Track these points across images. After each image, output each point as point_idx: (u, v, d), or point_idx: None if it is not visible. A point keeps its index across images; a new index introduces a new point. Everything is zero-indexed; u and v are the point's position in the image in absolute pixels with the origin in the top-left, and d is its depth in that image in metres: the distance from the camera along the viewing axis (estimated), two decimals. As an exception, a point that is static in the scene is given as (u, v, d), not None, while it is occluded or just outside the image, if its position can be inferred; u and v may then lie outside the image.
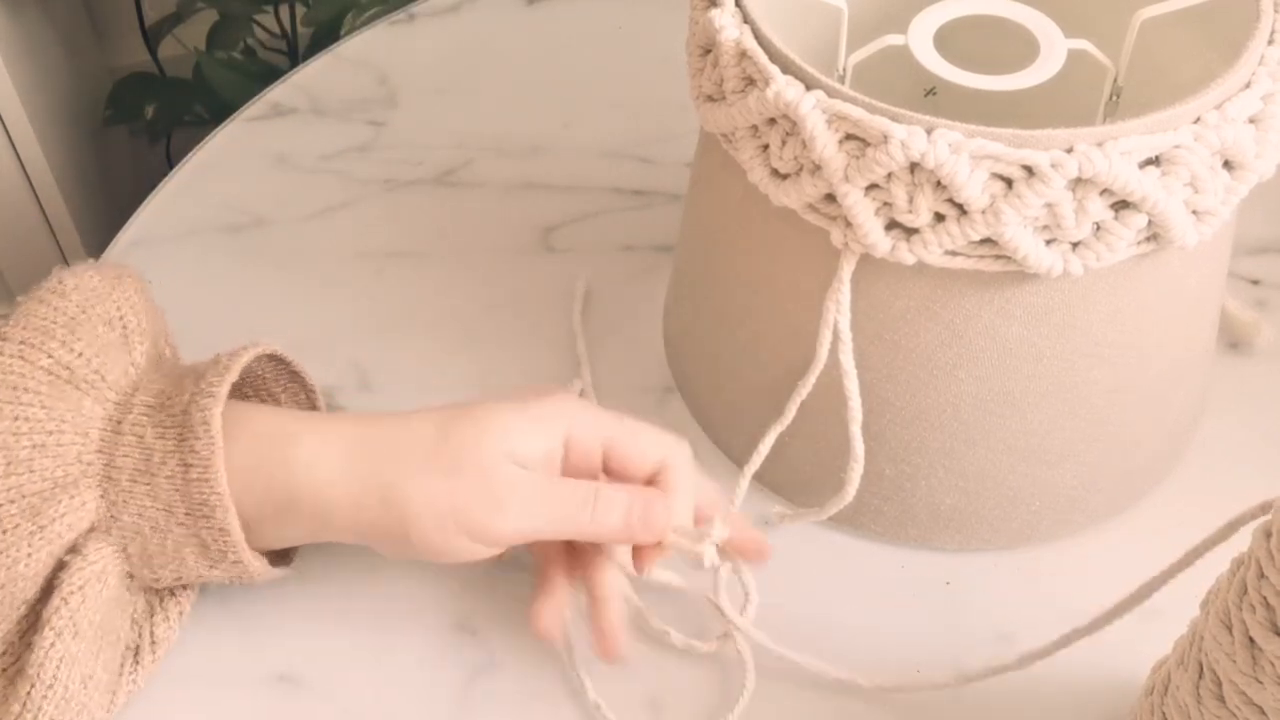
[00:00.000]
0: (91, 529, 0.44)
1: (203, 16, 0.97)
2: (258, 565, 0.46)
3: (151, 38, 0.99)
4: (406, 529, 0.44)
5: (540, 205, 0.68)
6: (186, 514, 0.44)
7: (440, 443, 0.44)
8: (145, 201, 0.68)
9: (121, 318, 0.48)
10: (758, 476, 0.52)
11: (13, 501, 0.43)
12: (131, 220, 0.67)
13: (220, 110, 0.89)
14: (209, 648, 0.50)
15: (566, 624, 0.49)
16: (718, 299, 0.53)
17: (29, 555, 0.43)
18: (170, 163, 1.00)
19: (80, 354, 0.45)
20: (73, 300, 0.47)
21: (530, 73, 0.75)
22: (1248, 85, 0.43)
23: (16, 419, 0.43)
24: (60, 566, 0.44)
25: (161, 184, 0.69)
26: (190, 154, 0.71)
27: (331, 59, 0.77)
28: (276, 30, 1.00)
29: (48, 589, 0.44)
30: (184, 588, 0.49)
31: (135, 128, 1.01)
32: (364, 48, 0.77)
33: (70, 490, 0.44)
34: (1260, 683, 0.36)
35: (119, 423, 0.45)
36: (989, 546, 0.52)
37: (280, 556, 0.49)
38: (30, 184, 0.80)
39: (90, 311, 0.47)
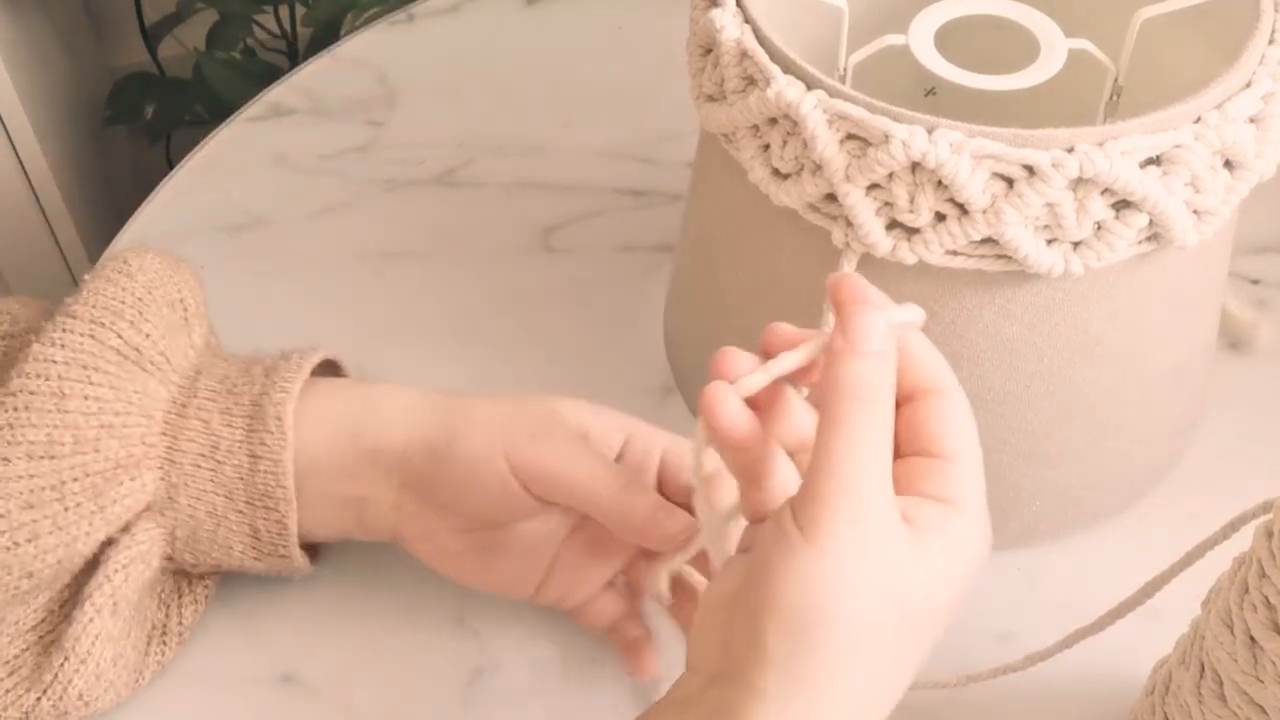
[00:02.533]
0: (145, 509, 0.45)
1: (203, 16, 0.97)
2: (301, 561, 0.46)
3: (151, 38, 0.99)
4: (453, 440, 0.44)
5: (540, 205, 0.68)
6: (247, 503, 0.45)
7: (513, 397, 0.46)
8: (145, 201, 0.68)
9: (182, 300, 0.48)
10: (758, 476, 0.52)
11: (77, 480, 0.43)
12: (131, 220, 0.67)
13: (220, 110, 0.89)
14: (212, 648, 0.50)
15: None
16: (718, 299, 0.53)
17: (87, 534, 0.43)
18: (170, 163, 1.00)
19: (148, 335, 0.46)
20: (139, 281, 0.47)
21: (530, 73, 0.75)
22: (1248, 85, 0.43)
23: (87, 398, 0.43)
24: (108, 542, 0.44)
25: (161, 184, 0.69)
26: (190, 154, 0.71)
27: (331, 59, 0.77)
28: (276, 30, 1.00)
29: (92, 562, 0.44)
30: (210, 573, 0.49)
31: (135, 128, 1.01)
32: (364, 48, 0.77)
33: (132, 471, 0.44)
34: (1261, 681, 0.36)
35: (184, 406, 0.45)
36: (989, 546, 0.52)
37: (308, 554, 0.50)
38: (30, 184, 0.80)
39: (155, 293, 0.47)
